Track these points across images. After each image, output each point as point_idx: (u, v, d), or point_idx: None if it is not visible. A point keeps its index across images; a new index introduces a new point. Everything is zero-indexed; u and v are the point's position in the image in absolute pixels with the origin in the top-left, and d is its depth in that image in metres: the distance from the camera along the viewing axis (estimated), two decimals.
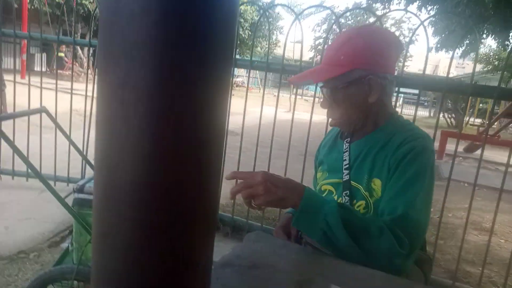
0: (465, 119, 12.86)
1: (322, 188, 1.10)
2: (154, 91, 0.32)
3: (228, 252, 0.82)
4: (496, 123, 9.80)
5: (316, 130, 2.68)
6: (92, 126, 3.06)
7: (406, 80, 2.29)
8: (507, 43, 9.09)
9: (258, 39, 20.49)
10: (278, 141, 2.91)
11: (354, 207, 0.99)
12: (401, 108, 8.27)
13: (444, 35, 10.52)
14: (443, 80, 2.28)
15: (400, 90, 2.56)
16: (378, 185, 0.96)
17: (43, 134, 3.26)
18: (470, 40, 9.27)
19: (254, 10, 19.26)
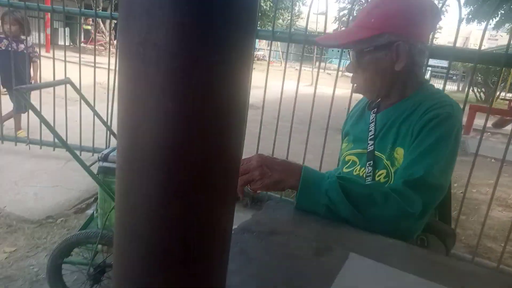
0: (496, 93, 12.32)
1: (346, 159, 1.09)
2: (176, 49, 0.31)
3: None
4: None
5: (338, 105, 2.63)
6: (116, 98, 3.10)
7: (435, 50, 2.18)
8: None
9: (280, 10, 19.98)
10: (299, 115, 2.88)
11: (376, 176, 0.97)
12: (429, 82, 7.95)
13: (477, 5, 9.95)
14: (475, 51, 2.17)
15: (429, 63, 2.44)
16: (400, 154, 0.93)
17: (68, 106, 3.35)
18: (505, 10, 8.75)
19: None
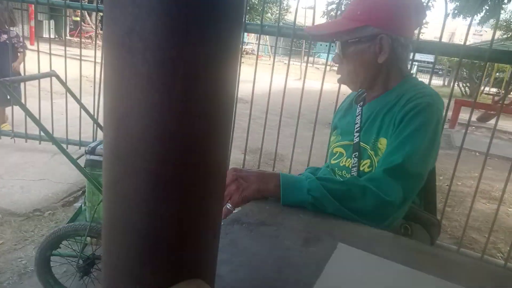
0: (480, 88, 12.54)
1: (334, 151, 1.12)
2: (162, 39, 0.31)
3: (236, 211, 0.84)
4: None
5: (327, 99, 2.64)
6: (102, 91, 3.06)
7: (421, 45, 2.21)
8: None
9: (268, 4, 19.89)
10: (288, 109, 2.89)
11: (360, 166, 1.00)
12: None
13: (463, 0, 10.06)
14: (460, 45, 2.20)
15: (415, 58, 2.46)
16: (383, 144, 0.96)
17: (54, 100, 3.29)
18: (490, 6, 8.88)
19: None
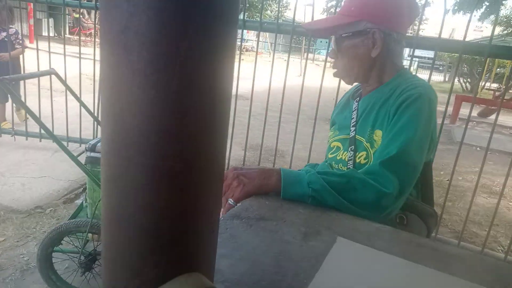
0: (480, 84, 12.50)
1: (331, 145, 1.14)
2: (158, 36, 0.31)
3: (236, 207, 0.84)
4: None
5: (327, 95, 2.64)
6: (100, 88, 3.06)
7: (421, 41, 2.20)
8: None
9: (268, 1, 19.82)
10: (288, 105, 2.89)
11: (356, 158, 1.02)
12: (415, 72, 8.05)
13: None
14: (459, 41, 2.19)
15: (415, 54, 2.46)
16: (379, 136, 0.98)
17: (53, 98, 3.29)
18: (490, 2, 8.83)
19: None
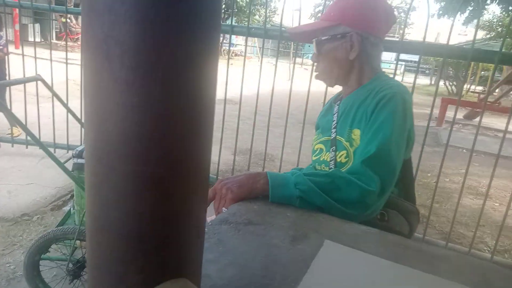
0: (466, 87, 12.73)
1: (315, 148, 1.18)
2: (140, 44, 0.31)
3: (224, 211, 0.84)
4: (497, 90, 9.72)
5: (315, 99, 2.65)
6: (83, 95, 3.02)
7: (406, 45, 2.25)
8: (511, 9, 8.85)
9: (256, 6, 19.92)
10: (277, 109, 2.90)
11: (337, 157, 1.05)
12: (402, 76, 8.17)
13: (447, 0, 10.22)
14: (443, 45, 2.24)
15: (401, 58, 2.50)
16: (357, 134, 1.02)
17: (40, 104, 3.25)
18: (473, 6, 9.03)
19: None
